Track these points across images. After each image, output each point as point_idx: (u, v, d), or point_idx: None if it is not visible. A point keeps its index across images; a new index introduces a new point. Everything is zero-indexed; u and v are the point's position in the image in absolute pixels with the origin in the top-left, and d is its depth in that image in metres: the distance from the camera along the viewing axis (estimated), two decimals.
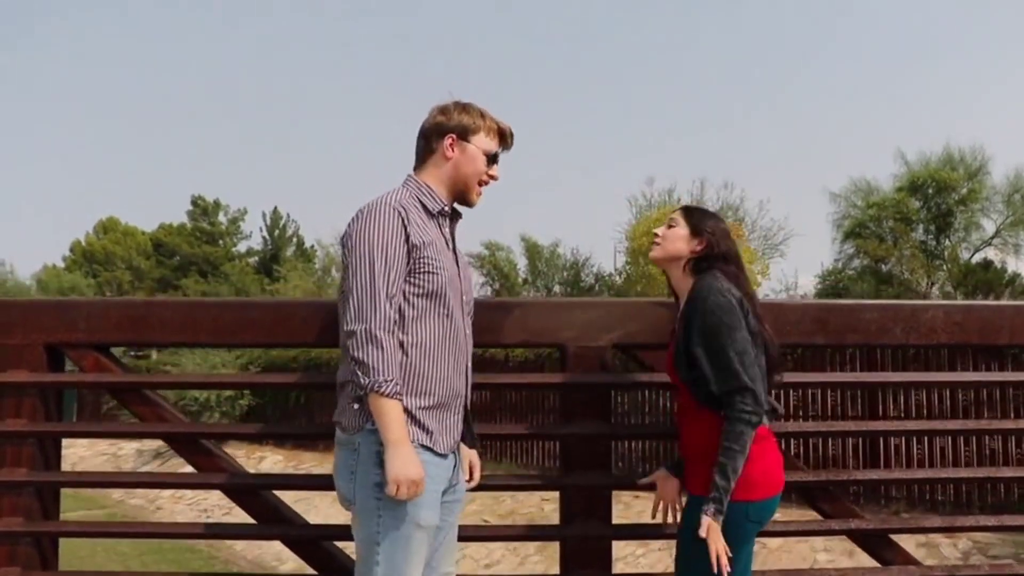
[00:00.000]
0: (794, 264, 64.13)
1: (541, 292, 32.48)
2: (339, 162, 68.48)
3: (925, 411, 9.64)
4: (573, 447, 2.79)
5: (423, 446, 2.22)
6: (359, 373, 2.12)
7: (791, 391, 10.06)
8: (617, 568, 2.78)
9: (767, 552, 8.50)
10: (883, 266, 20.68)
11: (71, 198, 72.87)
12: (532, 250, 32.48)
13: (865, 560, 2.97)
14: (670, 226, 2.49)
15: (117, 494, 16.15)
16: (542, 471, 12.93)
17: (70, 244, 45.98)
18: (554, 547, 2.84)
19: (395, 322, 2.17)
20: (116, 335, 2.79)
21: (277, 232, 45.95)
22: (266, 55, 71.53)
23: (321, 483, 3.18)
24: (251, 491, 2.81)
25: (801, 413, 10.38)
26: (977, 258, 22.72)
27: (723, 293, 2.33)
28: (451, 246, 2.37)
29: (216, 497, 14.64)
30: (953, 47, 55.72)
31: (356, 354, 2.12)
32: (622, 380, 3.00)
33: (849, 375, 8.44)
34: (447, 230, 2.38)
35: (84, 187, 72.64)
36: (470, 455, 2.50)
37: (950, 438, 9.40)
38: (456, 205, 2.43)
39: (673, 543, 2.47)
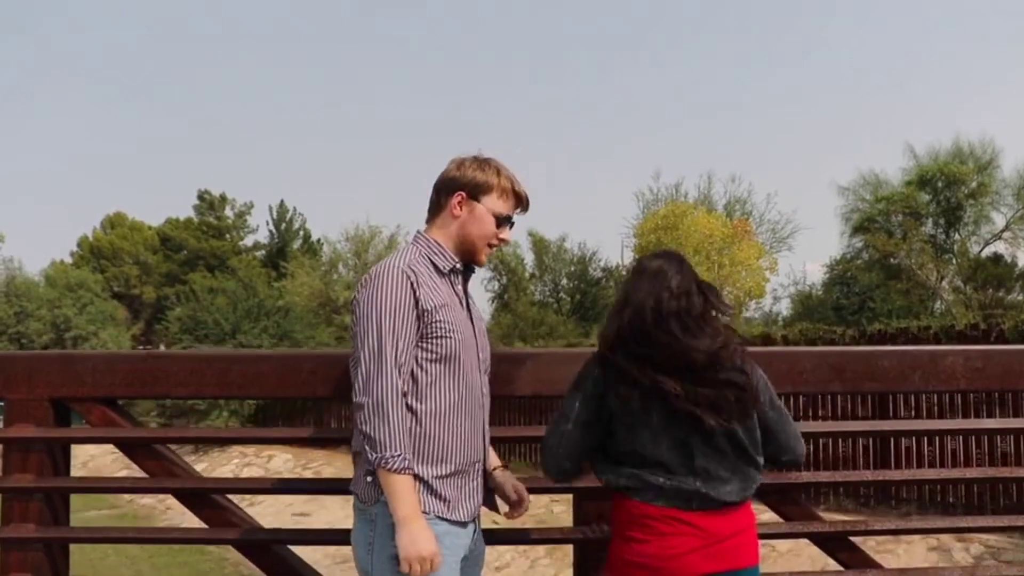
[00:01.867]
0: (802, 259, 63.64)
1: (548, 287, 32.42)
2: (345, 154, 68.42)
3: (936, 410, 9.59)
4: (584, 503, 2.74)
5: (440, 517, 2.16)
6: (367, 448, 2.08)
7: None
8: None
9: (776, 555, 8.46)
10: (892, 260, 20.57)
11: (78, 193, 72.97)
12: (539, 245, 32.46)
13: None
14: None
15: (126, 496, 16.15)
16: None
17: (77, 240, 46.08)
18: (564, 550, 2.80)
19: (404, 392, 2.11)
20: (123, 389, 2.75)
21: (284, 226, 45.95)
22: (270, 47, 71.46)
23: (336, 538, 3.18)
24: (263, 547, 2.77)
25: (810, 412, 10.37)
26: (987, 252, 22.63)
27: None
28: (464, 303, 2.30)
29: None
30: (964, 40, 55.34)
31: (364, 428, 2.08)
32: None
33: (863, 424, 8.18)
34: (459, 287, 2.29)
35: (90, 182, 72.76)
36: (510, 480, 2.42)
37: (961, 439, 9.35)
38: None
39: None
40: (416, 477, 2.13)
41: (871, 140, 53.82)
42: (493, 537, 2.50)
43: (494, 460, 2.43)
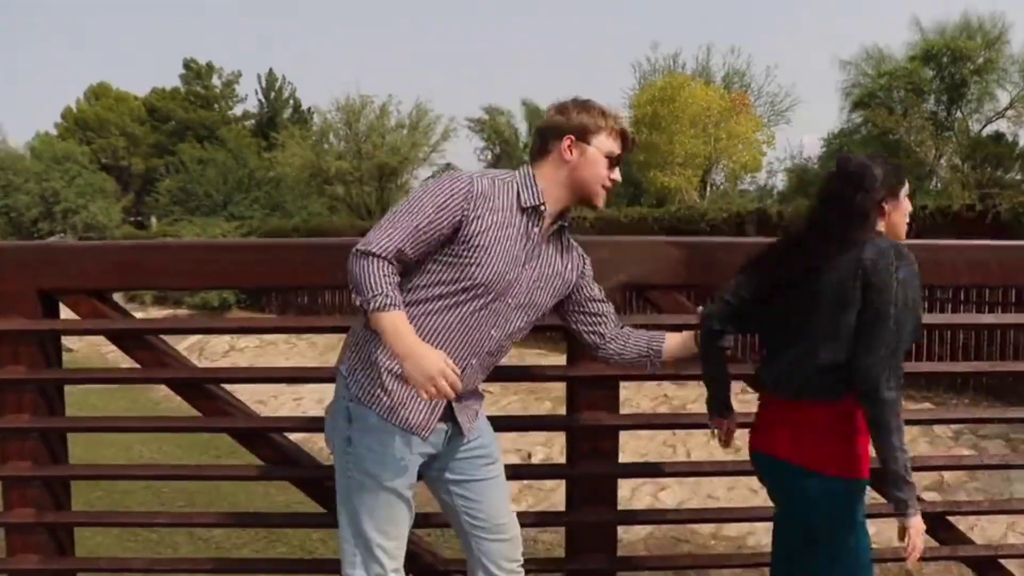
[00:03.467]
0: (800, 133, 62.82)
1: None
2: (335, 21, 66.39)
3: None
4: (579, 390, 2.74)
5: (379, 416, 2.13)
6: (354, 294, 2.03)
7: None
8: None
9: None
10: (891, 136, 20.31)
11: (60, 63, 71.04)
12: (533, 115, 32.03)
13: None
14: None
15: (162, 391, 15.64)
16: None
17: (61, 111, 45.20)
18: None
19: (395, 262, 2.05)
20: (111, 280, 2.70)
21: (273, 95, 45.18)
22: None
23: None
24: (259, 435, 2.78)
25: None
26: (988, 131, 22.33)
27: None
28: (534, 247, 2.18)
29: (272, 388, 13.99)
30: None
31: (349, 268, 2.04)
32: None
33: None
34: (536, 229, 2.18)
35: (72, 51, 70.69)
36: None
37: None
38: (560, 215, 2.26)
39: None
40: (365, 371, 2.15)
41: (876, 14, 52.33)
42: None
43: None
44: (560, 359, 2.84)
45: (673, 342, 2.36)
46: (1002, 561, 2.99)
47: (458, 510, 2.32)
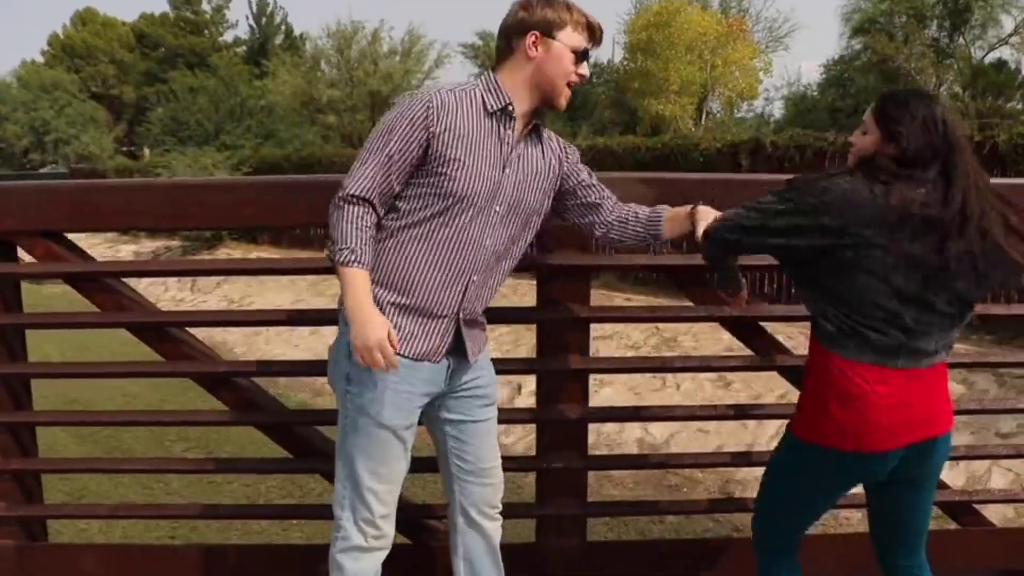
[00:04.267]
0: (798, 59, 61.81)
1: None
2: None
3: None
4: (550, 332, 2.68)
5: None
6: (328, 242, 2.04)
7: None
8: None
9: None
10: (891, 64, 19.96)
11: None
12: None
13: None
14: (863, 132, 2.05)
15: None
16: None
17: (47, 38, 44.43)
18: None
19: (375, 199, 2.02)
20: (63, 222, 2.60)
21: (264, 20, 44.33)
22: None
23: (305, 369, 3.14)
24: (224, 380, 2.72)
25: None
26: (991, 58, 21.93)
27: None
28: (508, 150, 2.12)
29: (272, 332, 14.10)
30: None
31: (329, 215, 2.04)
32: (601, 263, 2.84)
33: None
34: (509, 132, 2.11)
35: None
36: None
37: None
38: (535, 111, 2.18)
39: None
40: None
41: None
42: None
43: None
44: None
45: (671, 225, 2.28)
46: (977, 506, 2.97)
47: (448, 451, 2.28)
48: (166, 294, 16.11)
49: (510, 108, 2.09)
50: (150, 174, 22.48)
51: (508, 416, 2.83)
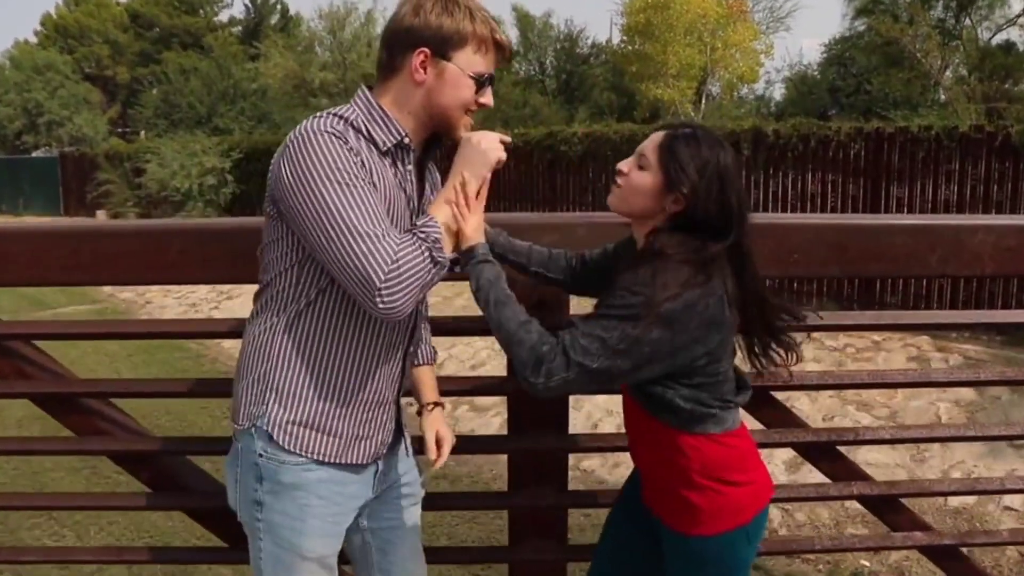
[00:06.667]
0: (800, 39, 61.11)
1: (534, 65, 31.35)
2: None
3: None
4: (523, 405, 2.31)
5: (319, 460, 1.68)
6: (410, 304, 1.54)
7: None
8: None
9: None
10: (895, 45, 19.50)
11: None
12: (523, 21, 31.13)
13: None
14: (639, 166, 1.72)
15: (107, 289, 16.05)
16: None
17: (40, 17, 43.92)
18: None
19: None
20: None
21: (259, 0, 43.94)
22: None
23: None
24: (145, 457, 2.38)
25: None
26: (999, 40, 21.49)
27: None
28: (413, 193, 1.72)
29: (204, 291, 14.54)
30: None
31: (389, 301, 1.50)
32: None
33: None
34: (407, 168, 1.69)
35: None
36: (435, 424, 1.89)
37: None
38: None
39: None
40: (290, 407, 1.67)
41: None
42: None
43: (429, 394, 1.94)
44: None
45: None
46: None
47: (371, 566, 1.92)
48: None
49: (407, 141, 1.67)
50: (140, 159, 22.08)
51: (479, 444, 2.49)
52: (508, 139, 1.73)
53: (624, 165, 1.75)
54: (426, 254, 1.53)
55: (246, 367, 1.71)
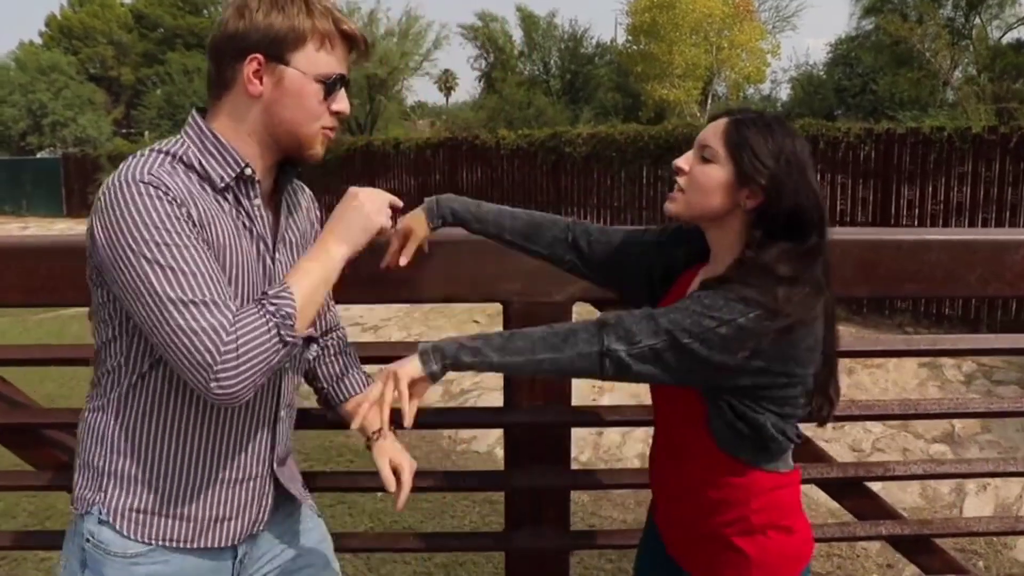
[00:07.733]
0: (807, 38, 60.93)
1: (538, 65, 31.28)
2: None
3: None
4: (521, 437, 2.14)
5: (167, 547, 1.43)
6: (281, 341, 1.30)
7: None
8: None
9: None
10: (904, 45, 19.33)
11: None
12: (528, 21, 31.08)
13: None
14: (703, 158, 1.47)
15: None
16: None
17: (45, 19, 43.98)
18: None
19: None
20: None
21: None
22: None
23: None
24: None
25: None
26: (1010, 38, 21.32)
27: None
28: (262, 233, 1.44)
29: None
30: None
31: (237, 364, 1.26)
32: None
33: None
34: (254, 203, 1.42)
35: None
36: (386, 450, 1.59)
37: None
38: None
39: None
40: (132, 493, 1.42)
41: None
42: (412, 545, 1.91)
43: (372, 421, 1.56)
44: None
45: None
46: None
47: None
48: None
49: (248, 172, 1.39)
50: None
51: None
52: (399, 203, 1.51)
53: (683, 162, 1.48)
54: (273, 331, 1.28)
55: (82, 448, 1.47)
